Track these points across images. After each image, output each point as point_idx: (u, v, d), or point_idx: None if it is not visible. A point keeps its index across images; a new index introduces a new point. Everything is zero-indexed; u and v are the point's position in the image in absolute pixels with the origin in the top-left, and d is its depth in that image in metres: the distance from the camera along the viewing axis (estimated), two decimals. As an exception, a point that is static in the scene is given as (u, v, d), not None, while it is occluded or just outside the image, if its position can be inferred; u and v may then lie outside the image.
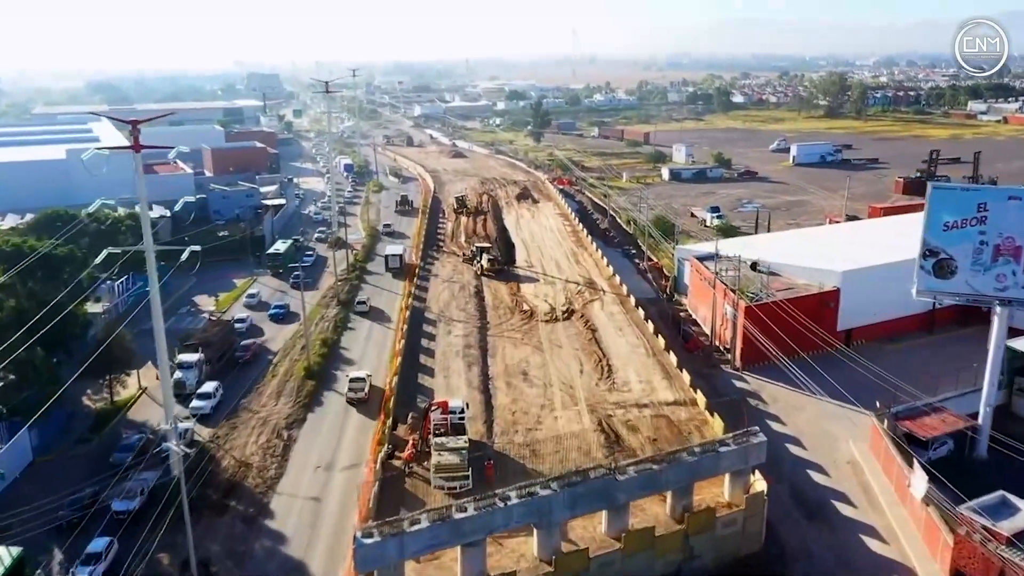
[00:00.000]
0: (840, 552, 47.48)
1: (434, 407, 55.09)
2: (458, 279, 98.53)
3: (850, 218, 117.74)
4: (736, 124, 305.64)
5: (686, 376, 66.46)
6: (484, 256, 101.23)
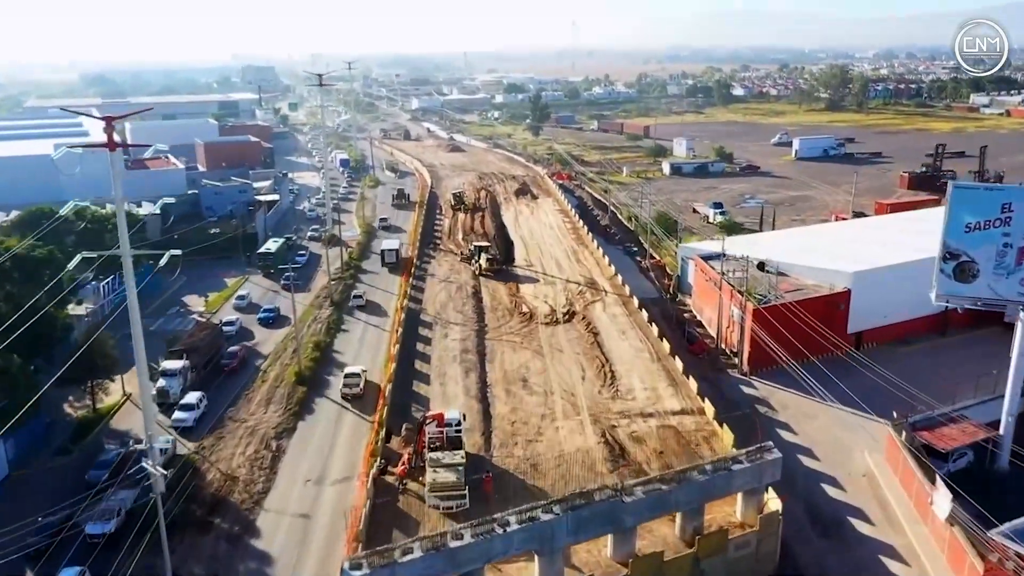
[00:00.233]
0: (858, 574, 44.92)
1: (429, 420, 52.25)
2: (455, 279, 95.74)
3: (857, 215, 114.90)
4: (736, 117, 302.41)
5: (693, 383, 63.75)
6: (482, 255, 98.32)
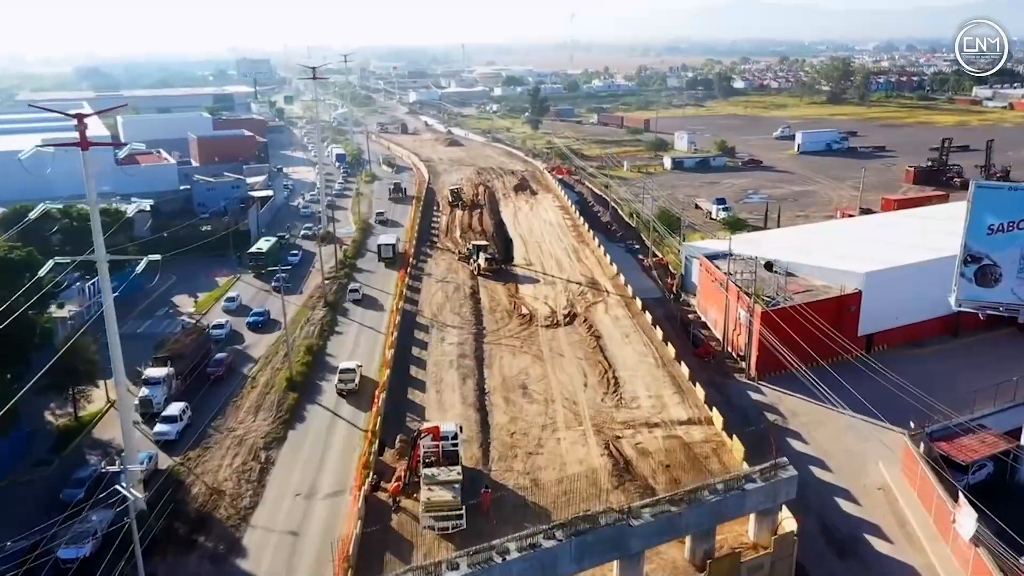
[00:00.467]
0: (878, 598, 42.59)
1: (424, 434, 49.54)
2: (453, 279, 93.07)
3: (864, 211, 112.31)
4: (737, 110, 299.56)
5: (700, 391, 61.18)
6: (481, 255, 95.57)
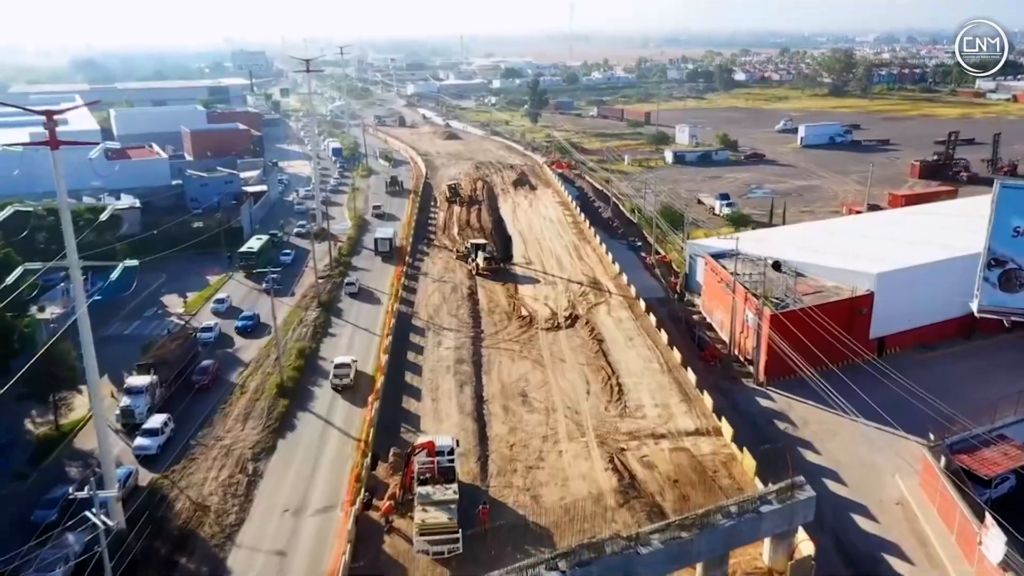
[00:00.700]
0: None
1: (418, 449, 46.77)
2: (450, 278, 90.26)
3: (872, 207, 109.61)
4: (739, 103, 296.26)
5: (708, 399, 58.54)
6: (480, 253, 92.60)
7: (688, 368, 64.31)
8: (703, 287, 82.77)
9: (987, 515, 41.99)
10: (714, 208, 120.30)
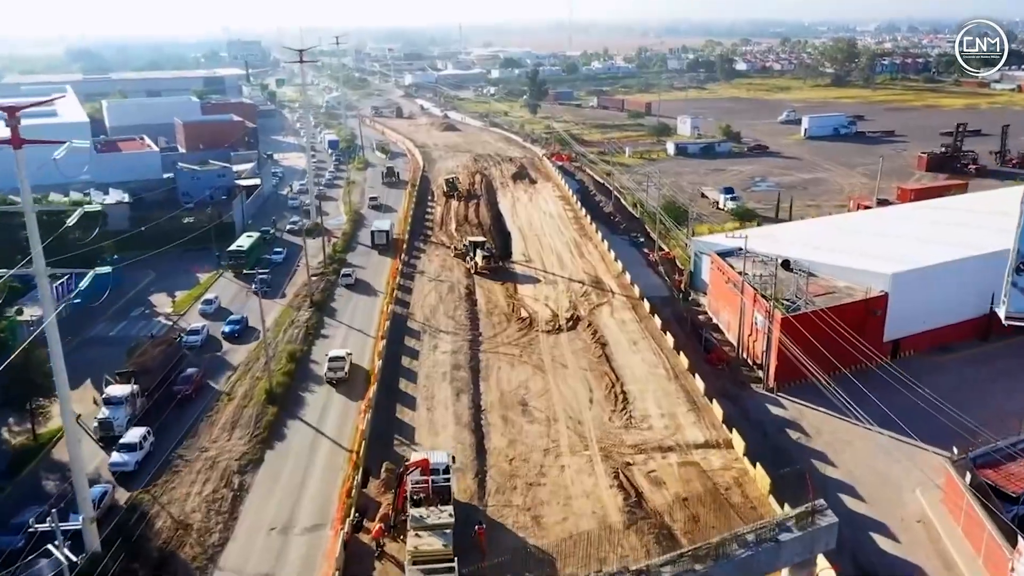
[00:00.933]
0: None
1: (411, 468, 43.87)
2: (447, 277, 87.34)
3: (881, 202, 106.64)
4: (740, 93, 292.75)
5: (717, 409, 55.71)
6: (478, 252, 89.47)
7: (695, 374, 61.47)
8: (709, 286, 79.99)
9: (1020, 539, 39.31)
10: (718, 202, 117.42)
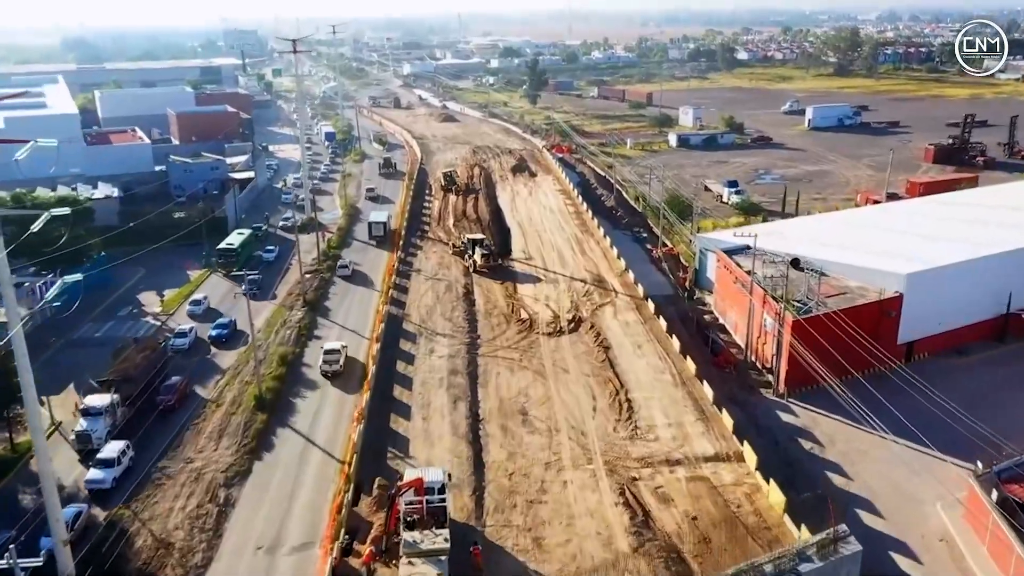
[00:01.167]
0: None
1: (404, 488, 41.06)
2: (444, 276, 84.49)
3: (891, 196, 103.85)
4: (742, 83, 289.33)
5: (727, 418, 53.09)
6: (477, 249, 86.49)
7: (703, 380, 58.86)
8: (715, 285, 77.34)
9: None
10: (722, 196, 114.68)
